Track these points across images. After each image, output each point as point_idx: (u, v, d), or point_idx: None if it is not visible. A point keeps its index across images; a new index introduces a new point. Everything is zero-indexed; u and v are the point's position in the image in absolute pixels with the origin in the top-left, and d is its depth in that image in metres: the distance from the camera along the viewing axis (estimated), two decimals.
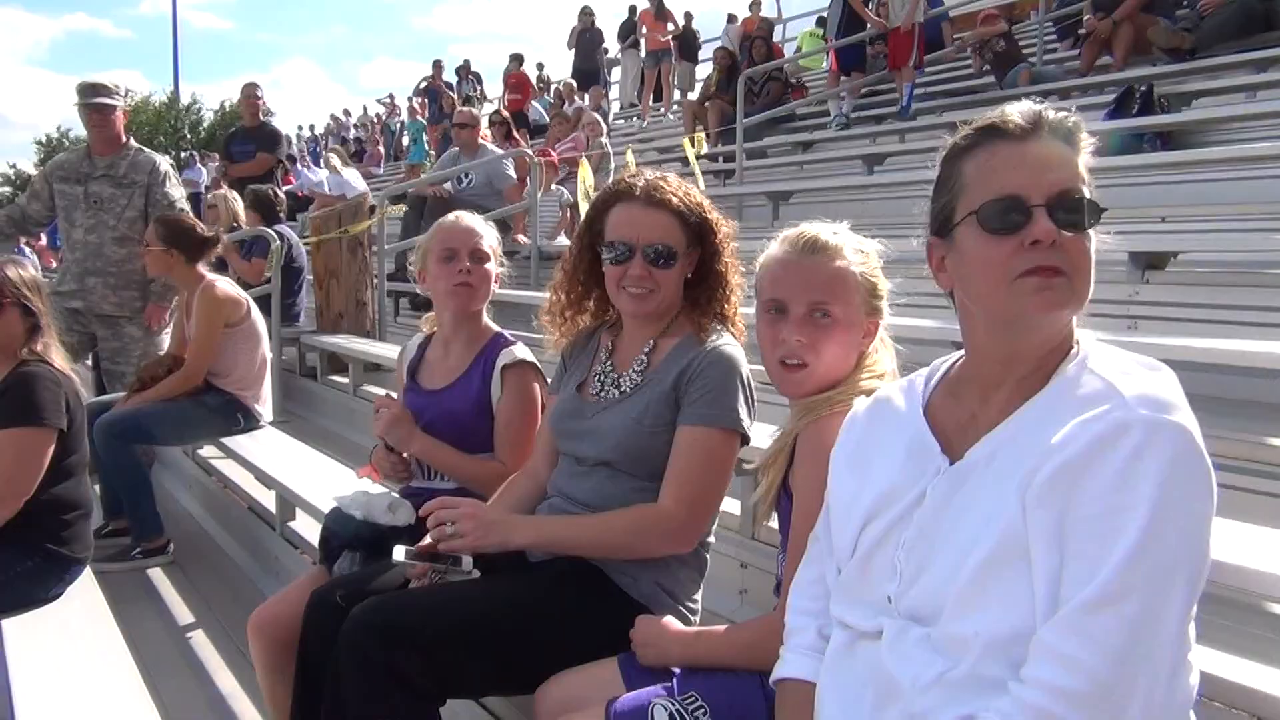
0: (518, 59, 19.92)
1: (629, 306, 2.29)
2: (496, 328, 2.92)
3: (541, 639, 2.09)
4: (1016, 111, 1.37)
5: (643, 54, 17.77)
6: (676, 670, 1.88)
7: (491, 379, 2.78)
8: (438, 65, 20.80)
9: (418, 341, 3.03)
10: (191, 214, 5.71)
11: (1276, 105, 6.40)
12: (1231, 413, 3.07)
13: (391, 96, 25.58)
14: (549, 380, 2.67)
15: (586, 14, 18.84)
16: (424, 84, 20.97)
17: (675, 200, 2.25)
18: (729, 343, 2.26)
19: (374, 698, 1.96)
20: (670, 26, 17.21)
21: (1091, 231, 1.33)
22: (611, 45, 19.54)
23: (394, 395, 2.94)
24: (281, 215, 7.71)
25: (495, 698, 2.45)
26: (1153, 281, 3.94)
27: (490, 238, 2.89)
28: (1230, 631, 1.84)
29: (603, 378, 2.36)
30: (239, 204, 7.72)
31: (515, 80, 19.14)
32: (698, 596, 2.32)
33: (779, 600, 1.79)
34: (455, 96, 19.03)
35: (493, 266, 2.86)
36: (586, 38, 18.47)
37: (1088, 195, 1.32)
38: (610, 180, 2.96)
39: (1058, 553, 1.20)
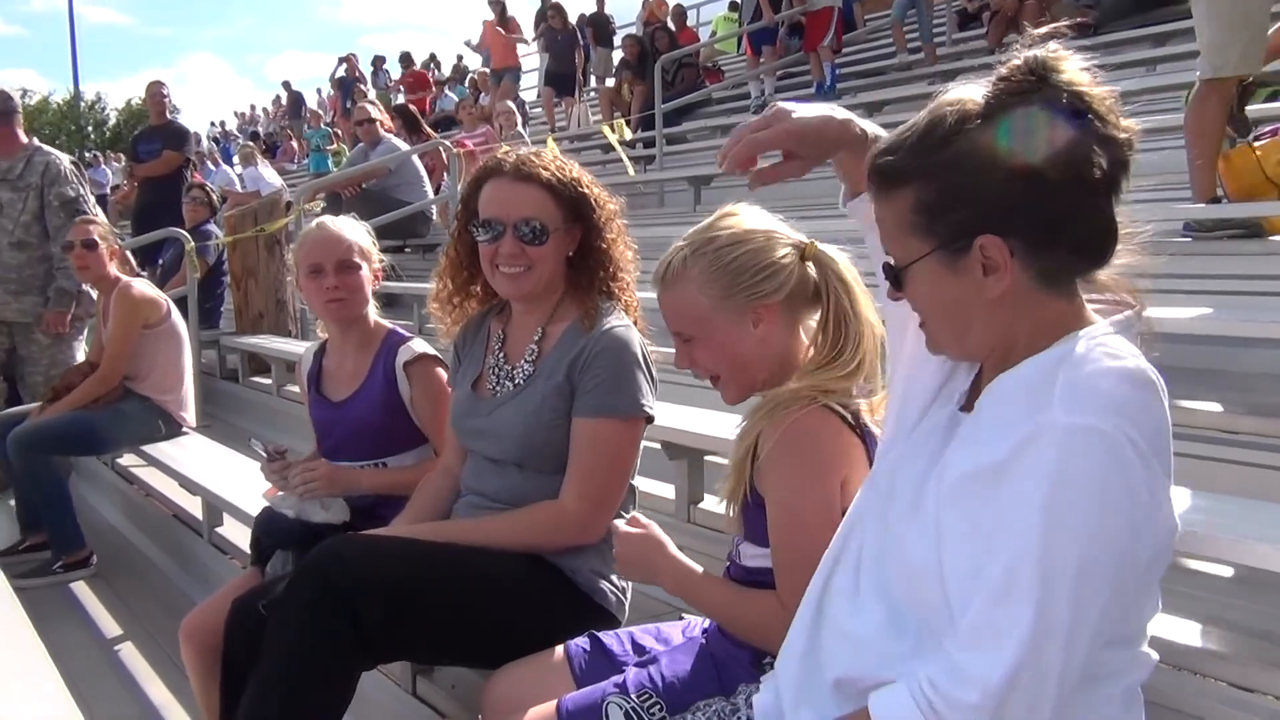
0: (406, 59, 19.66)
1: (505, 287, 2.21)
2: (389, 324, 2.82)
3: (497, 609, 2.06)
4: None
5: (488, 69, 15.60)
6: (628, 663, 1.87)
7: (395, 377, 2.70)
8: (351, 59, 20.44)
9: (313, 350, 2.93)
10: (98, 211, 5.57)
11: (1175, 79, 6.59)
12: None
13: (287, 84, 25.04)
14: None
15: (556, 13, 14.56)
16: (340, 74, 20.63)
17: (546, 174, 2.16)
18: (620, 323, 2.17)
19: (321, 627, 1.87)
20: (517, 37, 15.62)
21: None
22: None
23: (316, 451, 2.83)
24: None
25: (439, 694, 2.44)
26: None
27: (361, 241, 2.75)
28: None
29: (496, 371, 2.29)
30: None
31: (412, 80, 18.76)
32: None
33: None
34: (368, 90, 18.55)
35: (365, 271, 2.73)
36: (560, 40, 14.46)
37: None
38: None
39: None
